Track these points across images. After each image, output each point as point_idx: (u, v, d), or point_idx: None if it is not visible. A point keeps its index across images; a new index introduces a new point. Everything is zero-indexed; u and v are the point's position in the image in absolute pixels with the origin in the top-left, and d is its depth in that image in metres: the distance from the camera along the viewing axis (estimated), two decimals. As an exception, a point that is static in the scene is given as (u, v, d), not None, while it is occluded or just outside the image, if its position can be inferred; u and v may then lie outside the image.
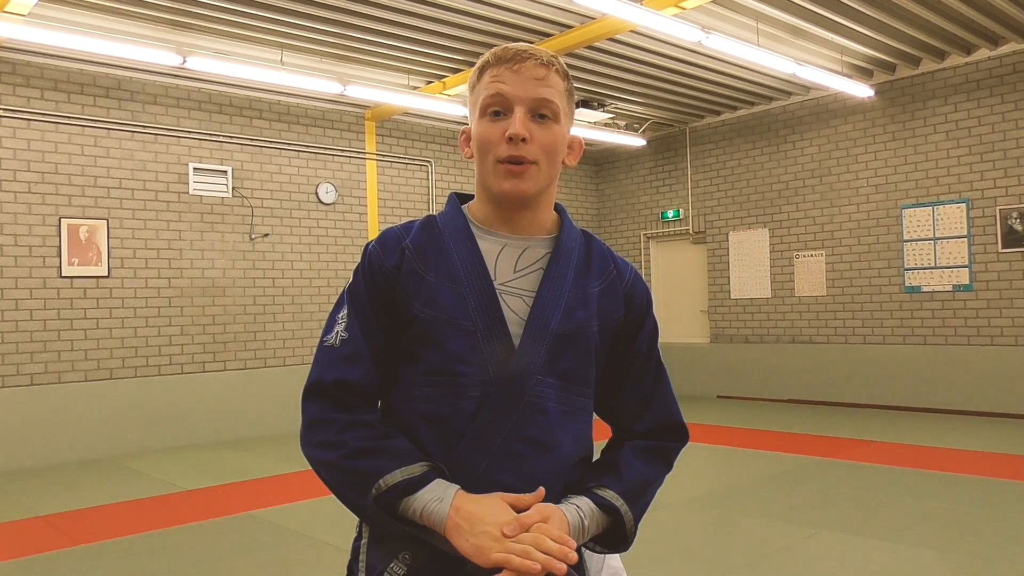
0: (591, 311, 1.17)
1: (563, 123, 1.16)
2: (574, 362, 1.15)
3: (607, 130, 9.54)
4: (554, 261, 1.16)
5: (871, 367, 8.34)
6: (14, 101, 6.42)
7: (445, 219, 1.19)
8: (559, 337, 1.13)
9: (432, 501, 1.05)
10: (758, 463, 5.84)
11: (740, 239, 9.49)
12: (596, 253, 1.22)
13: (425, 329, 1.12)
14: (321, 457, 1.11)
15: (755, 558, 3.70)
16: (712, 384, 9.69)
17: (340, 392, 1.11)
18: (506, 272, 1.15)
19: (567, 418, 1.15)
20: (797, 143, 8.98)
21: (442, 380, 1.11)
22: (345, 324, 1.15)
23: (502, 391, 1.10)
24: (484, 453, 1.10)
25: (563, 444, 1.14)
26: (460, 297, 1.12)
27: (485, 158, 1.14)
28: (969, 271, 7.71)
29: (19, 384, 6.38)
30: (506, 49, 1.15)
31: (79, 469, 6.25)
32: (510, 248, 1.16)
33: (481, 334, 1.11)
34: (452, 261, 1.14)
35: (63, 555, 4.05)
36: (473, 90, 1.18)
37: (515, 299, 1.14)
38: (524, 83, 1.12)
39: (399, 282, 1.14)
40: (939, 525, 4.11)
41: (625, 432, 1.26)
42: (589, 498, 1.14)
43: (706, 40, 6.16)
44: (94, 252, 6.77)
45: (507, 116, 1.13)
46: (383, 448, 1.08)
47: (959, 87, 7.77)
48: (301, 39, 6.52)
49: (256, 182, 7.74)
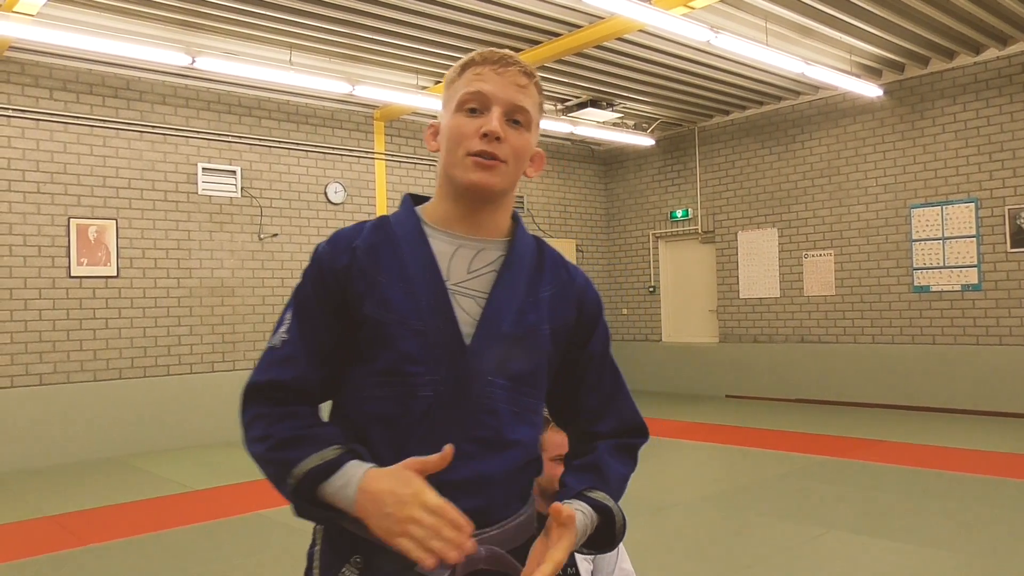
0: (543, 315, 1.18)
1: (533, 133, 1.19)
2: (525, 364, 1.16)
3: (616, 130, 9.53)
4: (508, 264, 1.17)
5: (880, 367, 8.30)
6: (23, 101, 6.44)
7: (398, 219, 1.19)
8: (511, 339, 1.14)
9: (340, 487, 1.04)
10: (767, 462, 5.82)
11: (749, 239, 9.47)
12: (548, 258, 1.24)
13: (376, 329, 1.12)
14: (254, 451, 1.11)
15: (763, 557, 3.69)
16: (721, 383, 9.67)
17: (273, 391, 1.11)
18: (459, 273, 1.15)
19: (517, 419, 1.16)
20: (806, 143, 8.95)
21: (394, 380, 1.11)
22: (287, 326, 1.14)
23: (453, 391, 1.11)
24: (434, 452, 1.09)
25: (514, 444, 1.15)
26: (411, 297, 1.12)
27: (455, 150, 1.14)
28: (978, 271, 7.67)
29: (28, 384, 6.40)
30: (492, 52, 1.17)
31: (88, 469, 6.27)
32: (465, 249, 1.17)
33: (432, 334, 1.11)
34: (404, 261, 1.14)
35: (72, 555, 4.07)
36: (451, 85, 1.19)
37: (468, 300, 1.14)
38: (506, 87, 1.14)
39: (350, 283, 1.13)
40: (948, 525, 4.09)
41: (588, 434, 1.27)
42: (584, 502, 1.15)
43: (715, 39, 6.15)
44: (103, 252, 6.79)
45: (483, 114, 1.14)
46: (306, 436, 1.07)
47: (968, 87, 7.74)
48: (310, 39, 6.53)
49: (265, 182, 7.76)
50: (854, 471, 5.44)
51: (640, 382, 10.59)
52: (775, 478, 5.33)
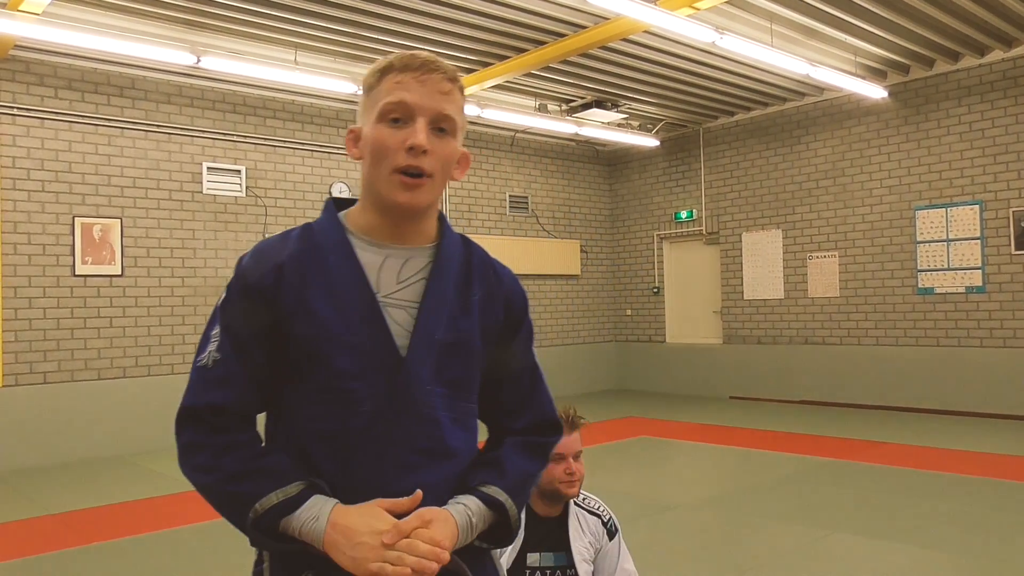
0: (473, 319, 1.18)
1: (458, 138, 1.17)
2: (460, 370, 1.16)
3: (620, 130, 9.53)
4: (436, 271, 1.16)
5: (884, 368, 8.29)
6: (28, 100, 6.45)
7: (322, 228, 1.16)
8: (445, 346, 1.14)
9: (309, 520, 1.05)
10: (770, 464, 5.81)
11: (753, 240, 9.46)
12: (476, 259, 1.23)
13: (308, 347, 1.10)
14: (200, 481, 1.10)
15: (767, 559, 3.69)
16: (725, 385, 9.66)
17: (213, 416, 1.10)
18: (389, 284, 1.14)
19: (457, 425, 1.16)
20: (811, 144, 8.94)
21: (331, 397, 1.10)
22: (217, 344, 1.11)
23: (392, 403, 1.10)
24: (378, 466, 1.10)
25: (455, 452, 1.15)
26: (342, 312, 1.10)
27: (380, 164, 1.12)
28: (982, 273, 7.65)
29: (33, 382, 6.41)
30: (413, 57, 1.13)
31: (92, 467, 6.28)
32: (392, 259, 1.15)
33: (367, 348, 1.10)
34: (332, 276, 1.12)
35: (77, 552, 4.07)
36: (370, 91, 1.16)
37: (399, 311, 1.13)
38: (429, 95, 1.11)
39: (278, 300, 1.10)
40: (952, 527, 4.08)
41: (504, 430, 1.27)
42: (476, 496, 1.14)
43: (720, 41, 6.14)
44: (107, 251, 6.80)
45: (407, 124, 1.11)
46: (259, 469, 1.07)
47: (973, 88, 7.72)
48: (315, 39, 6.53)
49: (270, 181, 7.77)
50: (858, 473, 5.43)
51: (644, 383, 10.58)
52: (779, 480, 5.33)
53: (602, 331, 10.81)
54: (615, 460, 6.19)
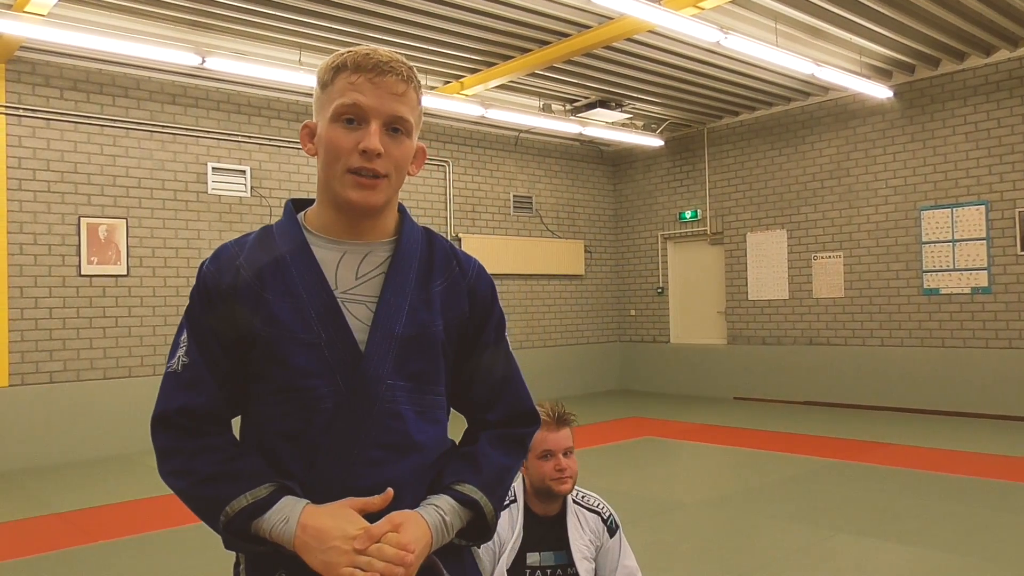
0: (435, 311, 1.17)
1: (414, 137, 1.17)
2: (423, 363, 1.16)
3: (625, 130, 9.52)
4: (395, 264, 1.16)
5: (889, 370, 8.26)
6: (34, 101, 6.48)
7: (281, 230, 1.17)
8: (405, 340, 1.13)
9: (279, 522, 1.05)
10: (775, 465, 5.80)
11: (758, 240, 9.44)
12: (439, 251, 1.22)
13: (268, 347, 1.10)
14: (175, 486, 1.12)
15: (771, 560, 3.68)
16: (729, 385, 9.64)
17: (185, 419, 1.11)
18: (347, 280, 1.14)
19: (422, 418, 1.15)
20: (815, 144, 8.92)
21: (292, 396, 1.10)
22: (185, 348, 1.13)
23: (353, 400, 1.10)
24: (343, 463, 1.09)
25: (421, 445, 1.15)
26: (300, 311, 1.10)
27: (334, 165, 1.12)
28: (988, 273, 7.63)
29: (39, 382, 6.44)
30: (367, 56, 1.12)
31: (98, 466, 6.30)
32: (350, 255, 1.15)
33: (326, 345, 1.10)
34: (289, 275, 1.12)
35: (82, 551, 4.09)
36: (325, 89, 1.15)
37: (358, 306, 1.13)
38: (382, 97, 1.11)
39: (237, 302, 1.11)
40: (957, 528, 4.07)
41: (479, 422, 1.26)
42: (449, 495, 1.14)
43: (724, 40, 6.13)
44: (113, 251, 6.82)
45: (361, 126, 1.11)
46: (230, 472, 1.08)
47: (978, 88, 7.70)
48: (319, 39, 6.55)
49: (274, 181, 7.78)
50: (863, 474, 5.42)
51: (648, 383, 10.57)
52: (783, 480, 5.32)
53: (606, 331, 10.80)
54: (619, 460, 6.19)
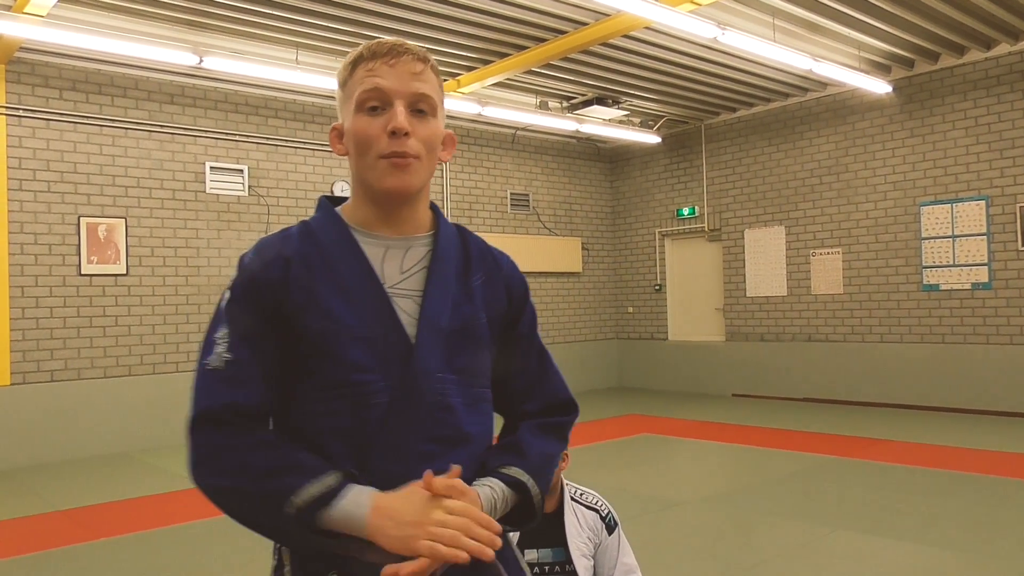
0: (477, 304, 1.18)
1: (439, 119, 1.16)
2: (469, 356, 1.17)
3: (622, 127, 9.52)
4: (436, 259, 1.17)
5: (888, 366, 8.26)
6: (33, 101, 6.50)
7: (321, 226, 1.16)
8: (451, 333, 1.14)
9: (350, 508, 1.02)
10: (774, 462, 5.81)
11: (756, 237, 9.44)
12: (474, 246, 1.23)
13: (320, 342, 1.09)
14: (227, 484, 1.04)
15: (770, 557, 3.69)
16: (727, 382, 9.65)
17: (234, 416, 1.05)
18: (393, 274, 1.14)
19: (471, 411, 1.16)
20: (814, 140, 8.91)
21: (344, 391, 1.09)
22: (227, 344, 1.08)
23: (406, 393, 1.10)
24: (398, 458, 1.09)
25: (472, 437, 1.16)
26: (353, 305, 1.10)
27: (365, 154, 1.12)
28: (988, 269, 7.62)
29: (40, 380, 6.46)
30: (380, 43, 1.13)
31: (99, 464, 6.32)
32: (394, 250, 1.16)
33: (379, 340, 1.10)
34: (339, 269, 1.12)
35: (83, 548, 4.11)
36: (345, 85, 1.15)
37: (406, 300, 1.14)
38: (401, 77, 1.11)
39: (286, 295, 1.09)
40: (956, 525, 4.07)
41: (518, 415, 1.27)
42: (498, 478, 1.14)
43: (722, 36, 6.13)
44: (112, 250, 6.84)
45: (385, 111, 1.11)
46: (292, 464, 1.04)
47: (979, 83, 7.68)
48: (316, 38, 6.55)
49: (272, 180, 7.80)
50: (862, 471, 5.42)
51: (646, 381, 10.58)
52: (782, 477, 5.32)
53: (604, 329, 10.81)
54: (617, 458, 6.20)
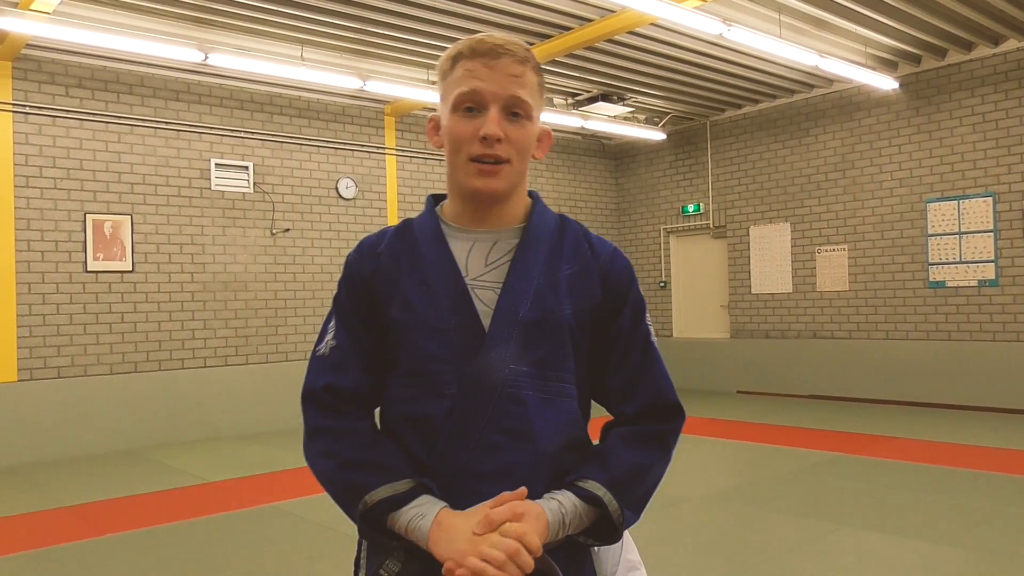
0: (562, 296, 1.16)
1: (534, 120, 1.17)
2: (548, 349, 1.15)
3: (627, 124, 9.50)
4: (521, 250, 1.17)
5: (894, 363, 8.24)
6: (39, 98, 6.52)
7: (420, 222, 1.22)
8: (529, 325, 1.13)
9: (416, 517, 1.08)
10: (778, 459, 5.80)
11: (761, 233, 9.41)
12: (570, 236, 1.22)
13: (400, 332, 1.14)
14: (319, 467, 1.16)
15: (775, 554, 3.68)
16: (732, 379, 9.63)
17: (330, 397, 1.15)
18: (477, 267, 1.16)
19: (546, 405, 1.14)
20: (820, 136, 8.88)
21: (419, 380, 1.14)
22: (333, 333, 1.19)
23: (476, 385, 1.12)
24: (463, 447, 1.11)
25: (543, 432, 1.14)
26: (432, 298, 1.14)
27: (457, 154, 1.14)
28: (995, 266, 7.58)
29: (47, 377, 6.49)
30: (481, 42, 1.13)
31: (105, 460, 6.35)
32: (480, 243, 1.18)
33: (455, 332, 1.13)
34: (424, 263, 1.16)
35: (90, 544, 4.13)
36: (445, 79, 1.17)
37: (488, 292, 1.15)
38: (499, 80, 1.11)
39: (376, 288, 1.17)
40: (961, 522, 4.06)
41: (616, 416, 1.24)
42: (571, 491, 1.12)
43: (727, 32, 6.11)
44: (118, 247, 6.86)
45: (480, 113, 1.12)
46: (371, 461, 1.11)
47: (986, 79, 7.64)
48: (321, 35, 6.55)
49: (277, 177, 7.80)
50: (867, 468, 5.41)
51: (652, 377, 10.55)
52: (787, 474, 5.32)
53: (611, 325, 10.78)
54: (622, 454, 6.19)
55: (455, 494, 1.11)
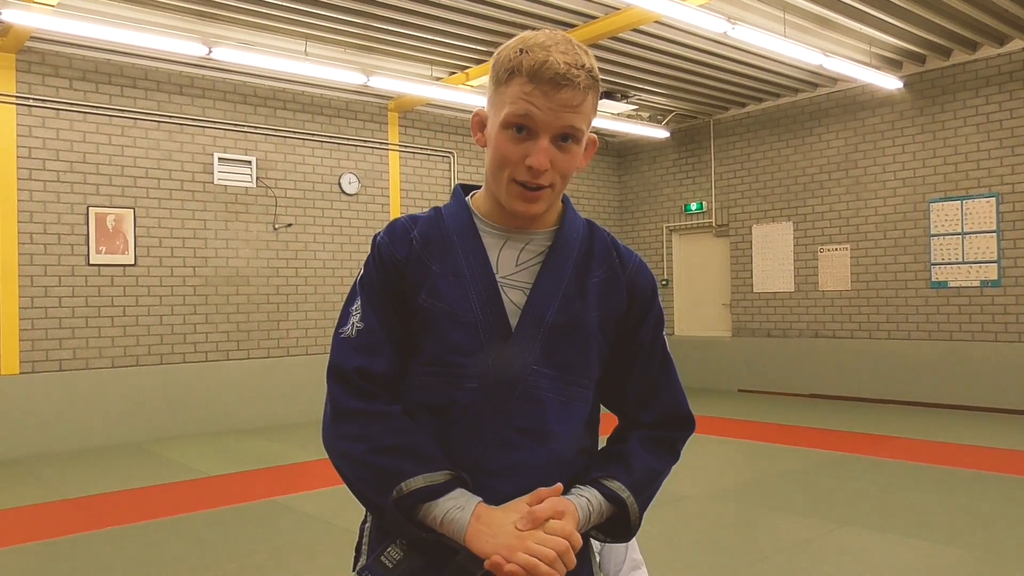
0: (590, 302, 1.17)
1: (583, 140, 1.14)
2: (571, 353, 1.16)
3: (630, 121, 9.48)
4: (552, 254, 1.17)
5: (895, 363, 8.23)
6: (43, 91, 6.51)
7: (450, 212, 1.20)
8: (555, 328, 1.14)
9: (454, 509, 1.07)
10: (779, 458, 5.80)
11: (764, 232, 9.40)
12: (599, 243, 1.22)
13: (427, 319, 1.14)
14: (345, 449, 1.12)
15: (776, 552, 3.69)
16: (733, 378, 9.63)
17: (362, 380, 1.13)
18: (508, 266, 1.16)
19: (564, 408, 1.16)
20: (823, 136, 8.86)
21: (439, 370, 1.14)
22: (360, 315, 1.16)
23: (496, 382, 1.12)
24: (478, 441, 1.12)
25: (559, 434, 1.15)
26: (463, 290, 1.13)
27: (500, 171, 1.12)
28: (998, 266, 7.57)
29: (49, 370, 6.50)
30: (546, 66, 1.05)
31: (106, 454, 6.36)
32: (513, 242, 1.18)
33: (482, 327, 1.13)
34: (456, 254, 1.15)
35: (90, 537, 4.14)
36: (497, 87, 1.12)
37: (516, 292, 1.15)
38: (556, 111, 1.07)
39: (408, 272, 1.16)
40: (962, 522, 4.06)
41: (631, 422, 1.25)
42: (596, 488, 1.15)
43: (732, 31, 6.09)
44: (121, 240, 6.87)
45: (531, 138, 1.09)
46: (408, 448, 1.09)
47: (991, 79, 7.62)
48: (325, 30, 6.54)
49: (280, 172, 7.80)
50: (868, 467, 5.41)
51: (653, 375, 10.55)
52: (788, 473, 5.32)
53: (612, 323, 10.78)
54: (623, 451, 6.19)
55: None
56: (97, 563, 3.75)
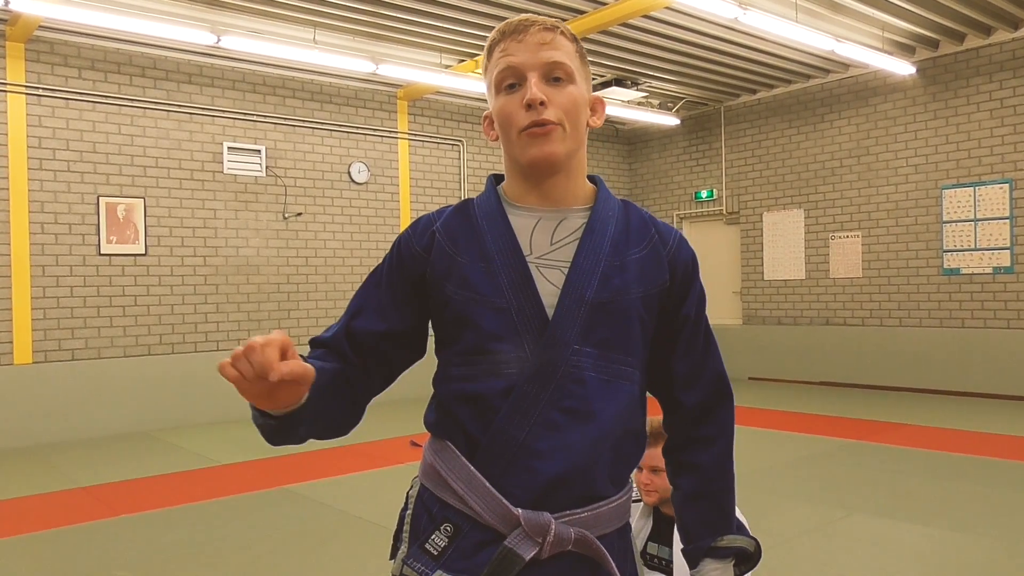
0: (630, 278, 1.15)
1: (579, 84, 1.15)
2: (613, 330, 1.14)
3: (640, 109, 9.42)
4: (589, 230, 1.15)
5: (906, 350, 8.19)
6: (53, 80, 6.52)
7: (480, 201, 1.20)
8: (595, 306, 1.12)
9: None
10: (790, 445, 5.79)
11: (774, 220, 9.35)
12: (635, 220, 1.20)
13: (459, 310, 1.13)
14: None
15: (786, 539, 3.69)
16: (744, 366, 9.61)
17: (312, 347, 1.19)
18: (543, 245, 1.14)
19: (607, 387, 1.13)
20: (835, 122, 8.79)
21: (478, 359, 1.12)
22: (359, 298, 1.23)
23: (537, 364, 1.10)
24: (522, 423, 1.10)
25: (603, 413, 1.13)
26: (492, 275, 1.12)
27: (509, 133, 1.14)
28: (1011, 253, 7.51)
29: (61, 359, 6.55)
30: (508, 23, 1.15)
31: (119, 442, 6.41)
32: (546, 221, 1.16)
33: (515, 310, 1.11)
34: (484, 240, 1.14)
35: (104, 524, 4.18)
36: (486, 72, 1.18)
37: (552, 271, 1.13)
38: (531, 49, 1.12)
39: (430, 264, 1.15)
40: (972, 509, 4.05)
41: (676, 403, 1.24)
42: (714, 559, 1.21)
43: (743, 16, 6.04)
44: (131, 230, 6.89)
45: (522, 86, 1.12)
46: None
47: (1005, 64, 7.53)
48: (334, 18, 6.52)
49: (289, 161, 7.80)
50: (879, 454, 5.40)
51: (662, 363, 10.55)
52: (798, 460, 5.31)
53: (621, 311, 10.77)
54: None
55: (510, 471, 1.10)
56: (110, 551, 3.79)
